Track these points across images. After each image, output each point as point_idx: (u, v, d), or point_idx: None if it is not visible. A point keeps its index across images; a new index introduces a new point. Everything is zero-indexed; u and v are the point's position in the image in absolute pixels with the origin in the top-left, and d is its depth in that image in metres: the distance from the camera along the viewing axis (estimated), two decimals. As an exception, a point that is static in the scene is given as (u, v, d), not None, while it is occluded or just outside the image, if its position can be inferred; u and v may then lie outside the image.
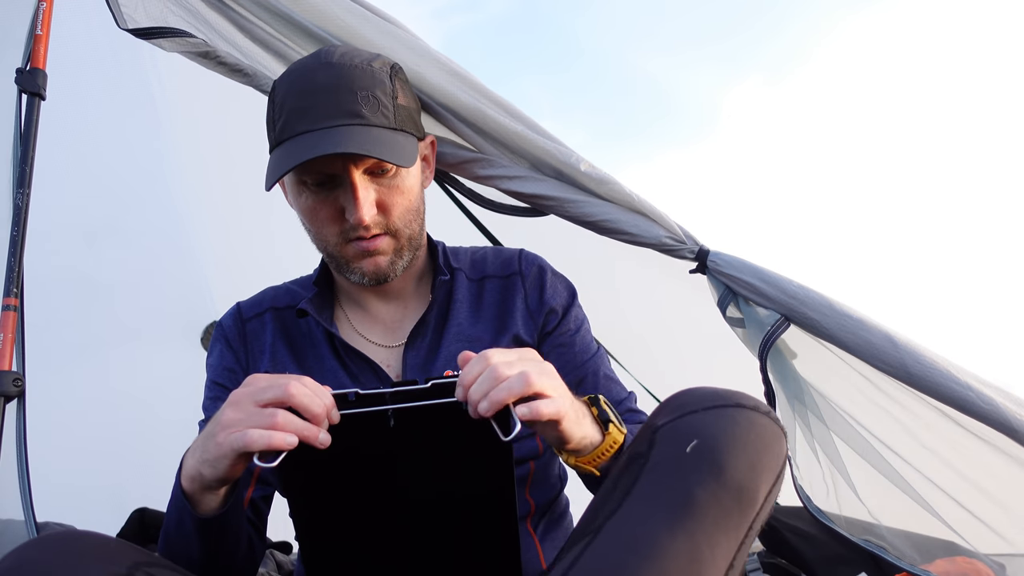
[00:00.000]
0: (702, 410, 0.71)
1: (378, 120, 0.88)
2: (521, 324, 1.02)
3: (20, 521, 0.95)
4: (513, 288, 1.05)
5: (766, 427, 0.71)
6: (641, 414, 1.04)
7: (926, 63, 8.67)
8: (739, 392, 0.75)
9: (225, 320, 1.09)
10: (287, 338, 1.04)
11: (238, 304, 1.10)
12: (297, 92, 0.89)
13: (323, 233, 0.94)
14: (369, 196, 0.90)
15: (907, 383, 0.97)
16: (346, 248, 0.94)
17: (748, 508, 0.67)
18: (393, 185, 0.92)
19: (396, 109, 0.91)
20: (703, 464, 0.67)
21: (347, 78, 0.88)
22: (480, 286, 1.06)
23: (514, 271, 1.07)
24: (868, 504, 1.08)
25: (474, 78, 1.11)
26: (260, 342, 1.04)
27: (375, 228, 0.92)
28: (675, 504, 0.66)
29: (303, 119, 0.87)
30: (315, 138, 0.85)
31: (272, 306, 1.08)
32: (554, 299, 1.05)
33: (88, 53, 1.82)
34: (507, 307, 1.04)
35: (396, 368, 1.01)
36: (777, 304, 1.02)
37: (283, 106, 0.90)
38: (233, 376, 1.03)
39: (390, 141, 0.88)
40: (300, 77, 0.91)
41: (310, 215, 0.94)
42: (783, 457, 0.72)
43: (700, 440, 0.68)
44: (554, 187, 1.10)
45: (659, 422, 0.73)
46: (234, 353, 1.05)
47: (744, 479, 0.67)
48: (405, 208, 0.94)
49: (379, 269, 0.95)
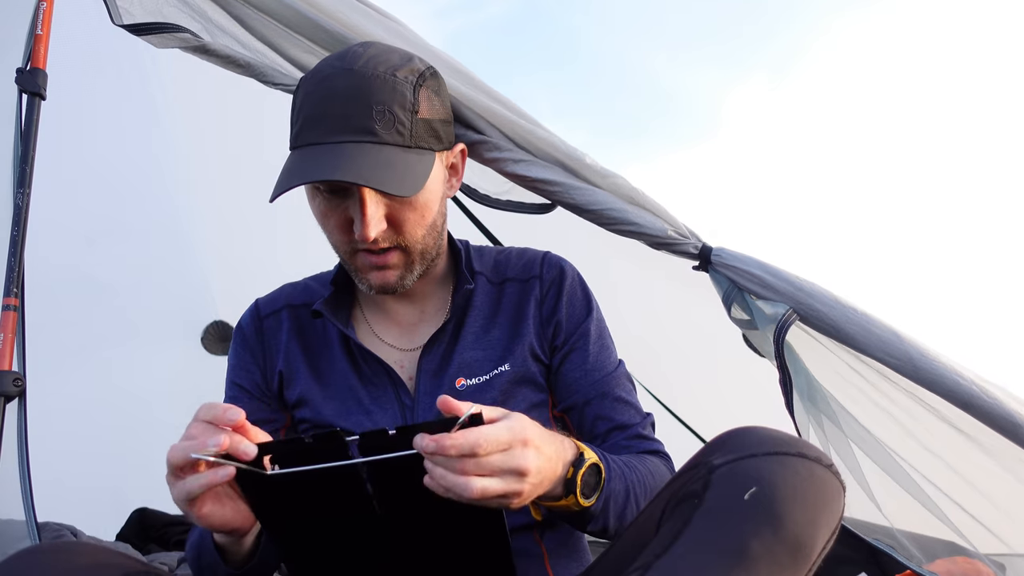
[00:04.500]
0: (763, 455, 0.69)
1: (391, 138, 0.84)
2: (533, 332, 1.01)
3: (20, 521, 0.94)
4: (530, 292, 1.03)
5: (827, 481, 0.69)
6: (652, 442, 1.00)
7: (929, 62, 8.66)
8: (803, 440, 0.73)
9: (244, 319, 1.07)
10: (301, 338, 1.03)
11: (256, 301, 1.08)
12: (314, 98, 0.87)
13: (335, 240, 0.93)
14: (378, 212, 0.87)
15: (912, 377, 0.96)
16: (355, 258, 0.92)
17: (802, 564, 0.65)
18: (406, 202, 0.88)
19: (414, 125, 0.87)
20: (761, 514, 0.65)
21: (365, 89, 0.85)
22: (500, 290, 1.04)
23: (534, 275, 1.04)
24: (885, 508, 1.07)
25: (477, 77, 1.11)
26: (276, 340, 1.03)
27: (384, 242, 0.89)
28: (729, 553, 0.64)
29: (315, 129, 0.85)
30: (323, 153, 0.83)
31: (288, 303, 1.06)
32: (570, 309, 1.02)
33: (88, 53, 1.82)
34: (522, 313, 1.02)
35: (410, 371, 0.99)
36: (783, 296, 1.01)
37: (301, 110, 0.88)
38: (250, 376, 1.02)
39: (400, 164, 0.85)
40: (320, 82, 0.88)
41: (322, 220, 0.92)
42: (840, 513, 0.70)
43: (759, 488, 0.66)
44: (559, 173, 1.08)
45: (716, 461, 0.70)
46: (251, 352, 1.03)
47: (801, 534, 0.65)
48: (417, 223, 0.90)
49: (386, 283, 0.92)
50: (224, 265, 2.35)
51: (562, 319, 1.01)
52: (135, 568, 0.70)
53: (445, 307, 1.02)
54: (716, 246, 1.08)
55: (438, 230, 0.96)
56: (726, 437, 0.74)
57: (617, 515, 0.86)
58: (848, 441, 1.06)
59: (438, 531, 0.75)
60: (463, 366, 0.98)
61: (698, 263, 1.09)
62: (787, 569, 0.65)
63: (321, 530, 0.75)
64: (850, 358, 1.03)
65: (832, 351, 1.04)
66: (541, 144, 1.08)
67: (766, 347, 1.07)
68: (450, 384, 0.97)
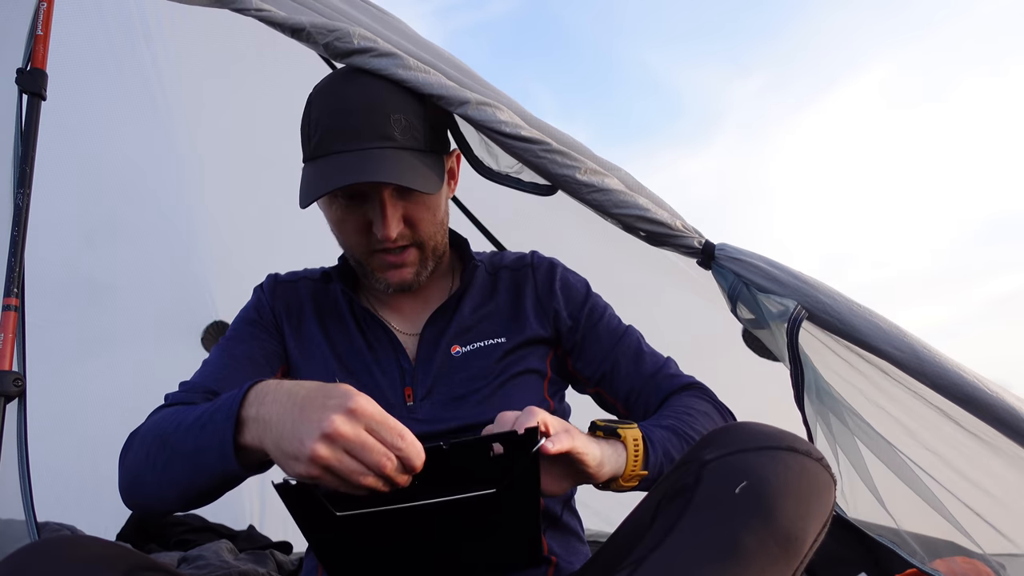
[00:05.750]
0: (753, 449, 0.70)
1: (409, 143, 0.92)
2: (532, 313, 1.06)
3: (21, 521, 0.94)
4: (524, 279, 1.10)
5: (818, 474, 0.70)
6: (683, 377, 1.07)
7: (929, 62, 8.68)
8: (792, 434, 0.74)
9: (263, 281, 1.13)
10: (315, 303, 1.09)
11: (276, 273, 1.15)
12: (331, 111, 0.93)
13: (351, 243, 0.99)
14: (396, 213, 0.93)
15: (917, 371, 0.95)
16: (372, 259, 0.98)
17: (794, 556, 0.66)
18: (420, 201, 0.95)
19: (426, 130, 0.94)
20: (752, 508, 0.66)
21: (379, 99, 0.92)
22: (495, 277, 1.11)
23: (526, 264, 1.12)
24: (890, 506, 1.07)
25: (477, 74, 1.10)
26: (288, 302, 1.08)
27: (401, 241, 0.95)
28: (721, 547, 0.65)
29: (337, 139, 0.91)
30: (350, 160, 0.89)
31: (306, 276, 1.13)
32: (567, 292, 1.09)
33: (88, 53, 1.82)
34: (519, 295, 1.08)
35: (412, 351, 1.04)
36: (789, 289, 1.00)
37: (318, 123, 0.93)
38: (259, 315, 1.07)
39: (420, 165, 0.92)
40: (333, 94, 0.94)
41: (339, 226, 0.98)
42: (831, 505, 0.71)
43: (750, 482, 0.67)
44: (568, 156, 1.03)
45: (707, 456, 0.72)
46: (267, 300, 1.09)
47: (792, 526, 0.66)
48: (430, 221, 0.97)
49: (404, 280, 0.99)
50: (224, 265, 2.35)
51: (561, 305, 1.07)
52: (139, 562, 0.70)
53: (445, 294, 1.08)
54: (719, 242, 1.08)
55: (445, 228, 1.04)
56: (718, 432, 0.76)
57: None
58: (854, 438, 1.06)
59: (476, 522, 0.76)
60: (459, 334, 1.04)
61: (701, 259, 1.08)
62: (779, 561, 0.66)
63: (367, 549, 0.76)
64: (853, 357, 1.03)
65: (834, 350, 1.04)
66: (543, 127, 1.07)
67: (773, 345, 1.06)
68: (445, 350, 1.02)
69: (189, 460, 0.77)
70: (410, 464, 0.65)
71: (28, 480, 0.95)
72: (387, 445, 0.65)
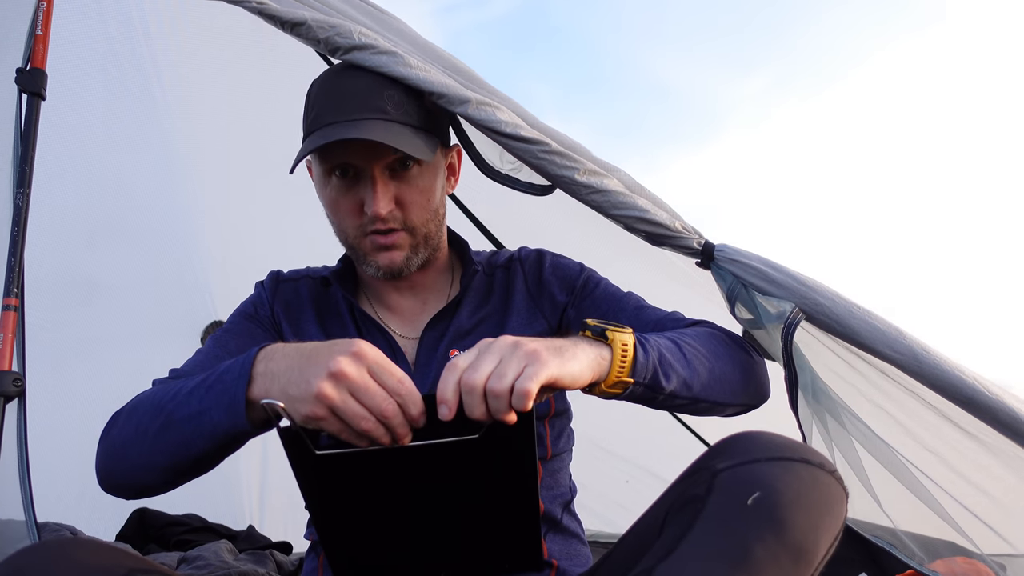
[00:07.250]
0: (766, 460, 0.69)
1: (403, 118, 0.94)
2: (523, 306, 1.07)
3: (20, 521, 0.94)
4: (514, 275, 1.11)
5: (830, 487, 0.70)
6: (690, 319, 1.03)
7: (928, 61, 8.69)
8: (805, 446, 0.74)
9: (265, 278, 1.14)
10: (315, 303, 1.09)
11: (278, 270, 1.16)
12: (329, 90, 0.96)
13: (344, 225, 0.99)
14: (388, 191, 0.94)
15: (915, 373, 0.95)
16: (364, 241, 0.98)
17: (805, 569, 0.66)
18: (413, 183, 0.96)
19: (421, 112, 0.96)
20: (764, 519, 0.65)
21: (378, 84, 0.94)
22: (491, 277, 1.12)
23: (514, 258, 1.14)
24: (887, 507, 1.06)
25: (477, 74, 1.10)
26: (288, 301, 1.09)
27: (392, 222, 0.96)
28: (732, 558, 0.65)
29: (332, 112, 0.93)
30: (341, 128, 0.91)
31: (308, 275, 1.14)
32: (557, 272, 1.10)
33: (88, 53, 1.82)
34: (510, 291, 1.09)
35: (411, 355, 1.04)
36: (788, 291, 1.00)
37: (315, 102, 0.96)
38: (257, 311, 1.08)
39: (411, 136, 0.93)
40: (334, 77, 0.98)
41: (333, 206, 0.99)
42: (843, 519, 0.71)
43: (762, 493, 0.66)
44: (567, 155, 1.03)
45: (719, 466, 0.71)
46: (267, 297, 1.09)
47: (805, 539, 0.66)
48: (422, 206, 0.98)
49: (393, 264, 0.99)
50: (224, 265, 2.35)
51: (554, 286, 1.08)
52: (139, 566, 0.70)
53: (444, 297, 1.08)
54: (718, 243, 1.08)
55: (440, 219, 1.04)
56: (729, 442, 0.75)
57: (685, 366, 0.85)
58: (851, 439, 1.06)
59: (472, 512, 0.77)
60: (457, 337, 1.04)
61: (700, 260, 1.08)
62: (790, 574, 0.65)
63: (359, 507, 0.76)
64: (852, 357, 1.03)
65: (833, 351, 1.04)
66: (544, 127, 1.07)
67: (770, 346, 1.06)
68: (444, 354, 1.02)
69: (189, 422, 0.77)
70: (408, 411, 0.67)
71: (28, 480, 0.95)
72: (388, 390, 0.67)
